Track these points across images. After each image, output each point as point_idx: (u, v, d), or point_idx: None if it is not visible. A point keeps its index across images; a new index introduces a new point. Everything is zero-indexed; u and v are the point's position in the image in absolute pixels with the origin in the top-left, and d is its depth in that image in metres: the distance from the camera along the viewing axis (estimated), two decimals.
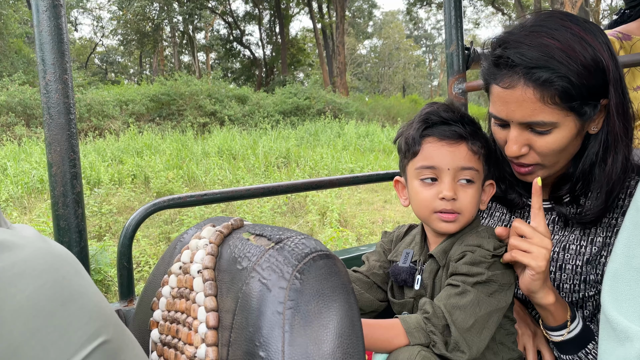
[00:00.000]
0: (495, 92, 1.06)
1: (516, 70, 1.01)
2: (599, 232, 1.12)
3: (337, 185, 1.47)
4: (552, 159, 1.08)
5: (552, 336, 1.09)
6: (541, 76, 0.98)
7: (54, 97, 1.09)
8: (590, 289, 1.13)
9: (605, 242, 1.11)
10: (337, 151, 12.30)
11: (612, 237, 1.10)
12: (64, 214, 1.12)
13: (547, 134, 1.03)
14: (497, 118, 1.08)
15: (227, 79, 29.03)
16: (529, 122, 1.03)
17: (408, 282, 1.15)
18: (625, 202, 1.11)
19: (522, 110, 1.02)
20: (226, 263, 0.80)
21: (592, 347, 1.07)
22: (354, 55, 42.65)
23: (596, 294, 1.13)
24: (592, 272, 1.12)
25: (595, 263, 1.11)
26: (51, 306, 0.57)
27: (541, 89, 0.99)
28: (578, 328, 1.07)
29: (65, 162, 1.11)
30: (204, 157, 10.90)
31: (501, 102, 1.05)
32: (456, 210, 1.07)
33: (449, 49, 1.72)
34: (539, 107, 1.00)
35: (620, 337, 0.78)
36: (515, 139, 1.06)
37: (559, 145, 1.04)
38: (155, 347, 0.90)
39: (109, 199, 7.98)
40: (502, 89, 1.03)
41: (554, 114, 1.01)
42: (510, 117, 1.05)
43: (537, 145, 1.05)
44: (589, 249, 1.12)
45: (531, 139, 1.06)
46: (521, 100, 1.01)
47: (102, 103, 15.10)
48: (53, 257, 0.61)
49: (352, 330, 0.67)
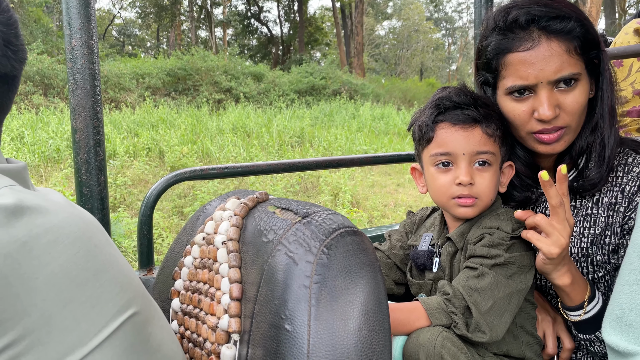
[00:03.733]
0: (516, 59, 1.05)
1: (533, 30, 1.03)
2: (601, 212, 1.12)
3: (357, 164, 1.46)
4: (578, 119, 1.08)
5: (569, 315, 1.09)
6: (564, 26, 1.01)
7: (79, 62, 1.08)
8: (599, 270, 1.12)
9: (608, 222, 1.11)
10: (352, 132, 12.24)
11: (613, 216, 1.10)
12: (87, 181, 1.12)
13: (573, 90, 1.05)
14: (522, 88, 1.06)
15: (244, 56, 28.89)
16: (558, 77, 1.03)
17: (427, 265, 1.14)
18: (622, 179, 1.11)
19: (551, 65, 1.02)
20: (251, 235, 0.80)
21: None
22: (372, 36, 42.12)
23: (606, 275, 1.12)
24: (599, 253, 1.11)
25: (600, 244, 1.11)
26: (84, 276, 0.56)
27: (565, 40, 1.02)
28: (596, 308, 1.06)
29: (89, 128, 1.10)
30: (219, 134, 10.91)
31: (525, 65, 1.04)
32: (473, 195, 1.06)
33: (478, 29, 1.68)
34: (566, 60, 1.02)
35: (623, 353, 0.82)
36: (548, 99, 1.04)
37: (583, 100, 1.06)
38: (175, 316, 0.91)
39: (123, 171, 8.04)
40: (525, 52, 1.03)
41: (577, 65, 1.04)
42: (540, 77, 1.04)
43: (567, 103, 1.05)
44: (592, 230, 1.12)
45: (560, 99, 1.05)
46: (548, 55, 1.02)
47: (119, 75, 15.12)
48: (85, 224, 0.60)
49: (379, 308, 0.66)
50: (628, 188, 1.09)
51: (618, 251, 1.10)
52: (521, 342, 1.08)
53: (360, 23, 25.98)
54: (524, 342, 1.08)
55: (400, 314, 0.99)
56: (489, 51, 1.10)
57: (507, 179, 1.15)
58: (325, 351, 0.61)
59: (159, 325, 0.68)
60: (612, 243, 1.10)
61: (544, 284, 1.22)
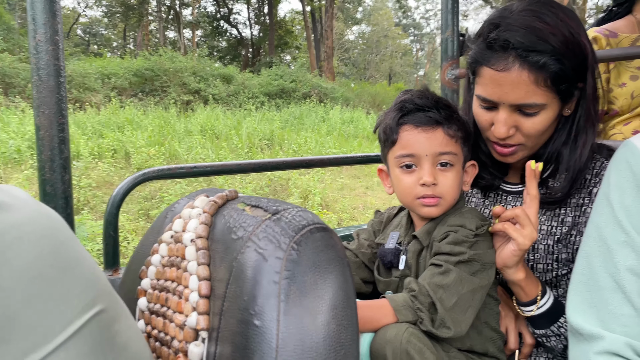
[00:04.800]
0: (488, 74, 1.07)
1: (510, 53, 1.03)
2: (568, 212, 1.16)
3: (327, 165, 1.47)
4: (535, 140, 1.12)
5: (524, 311, 1.12)
6: (539, 60, 1.01)
7: (44, 58, 1.06)
8: (562, 268, 1.17)
9: (575, 222, 1.15)
10: (322, 136, 12.28)
11: (580, 216, 1.15)
12: (51, 179, 1.09)
13: (534, 116, 1.07)
14: (487, 100, 1.10)
15: (213, 58, 28.60)
16: (521, 104, 1.05)
17: (394, 263, 1.16)
18: (591, 181, 1.15)
19: (516, 92, 1.04)
20: (220, 233, 0.80)
21: (564, 321, 1.10)
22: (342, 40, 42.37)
23: (569, 273, 1.17)
24: (564, 251, 1.16)
25: (565, 242, 1.16)
26: (50, 273, 0.55)
27: (536, 72, 1.01)
28: (548, 303, 1.10)
29: (53, 125, 1.08)
30: (187, 135, 10.77)
31: (494, 84, 1.06)
32: (437, 195, 1.09)
33: (444, 34, 1.71)
34: (532, 90, 1.03)
35: (588, 338, 0.83)
36: (505, 120, 1.08)
37: (544, 126, 1.08)
38: (142, 315, 0.90)
39: (88, 173, 7.84)
40: (496, 71, 1.05)
41: (544, 96, 1.04)
42: (502, 99, 1.07)
43: (525, 127, 1.08)
44: (559, 229, 1.16)
45: (519, 121, 1.08)
46: (516, 82, 1.03)
47: (84, 75, 14.76)
48: (51, 221, 0.58)
49: (347, 303, 0.67)
50: (595, 190, 1.14)
51: None
52: (485, 338, 1.11)
53: (330, 27, 26.11)
54: (488, 338, 1.11)
55: (368, 311, 1.00)
56: (469, 56, 1.14)
57: (470, 177, 1.18)
58: (294, 346, 0.62)
59: (125, 323, 0.67)
60: (577, 242, 1.15)
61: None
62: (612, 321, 0.81)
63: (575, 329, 0.86)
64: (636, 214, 0.82)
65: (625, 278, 0.81)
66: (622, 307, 0.81)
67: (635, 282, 0.80)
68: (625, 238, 0.82)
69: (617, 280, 0.82)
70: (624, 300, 0.81)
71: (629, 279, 0.81)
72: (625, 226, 0.82)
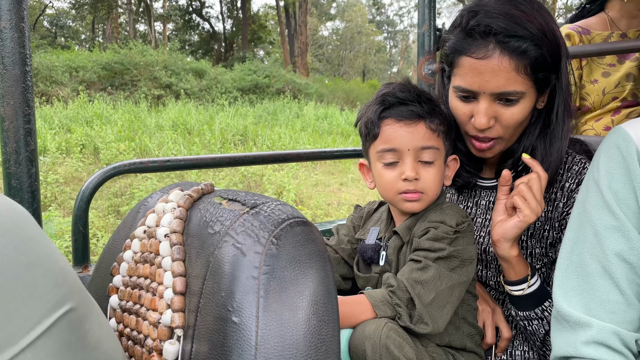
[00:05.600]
0: (467, 63, 1.07)
1: (491, 40, 1.03)
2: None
3: (304, 159, 1.45)
4: (512, 132, 1.13)
5: (512, 291, 1.13)
6: (520, 45, 1.01)
7: (9, 45, 1.01)
8: (536, 262, 1.19)
9: (547, 217, 1.17)
10: (296, 132, 12.23)
11: (552, 211, 1.16)
12: (16, 172, 1.04)
13: (513, 105, 1.08)
14: (466, 90, 1.09)
15: (185, 52, 28.16)
16: (502, 92, 1.05)
17: (374, 259, 1.15)
18: (563, 176, 1.17)
19: (496, 80, 1.04)
20: (196, 227, 0.77)
21: (548, 305, 1.12)
22: (316, 36, 42.29)
23: (542, 267, 1.19)
24: (537, 246, 1.17)
25: (539, 237, 1.17)
26: (15, 269, 0.52)
27: (517, 58, 1.02)
28: (537, 284, 1.12)
29: (19, 116, 1.03)
30: (158, 130, 10.58)
31: (474, 73, 1.06)
32: (419, 190, 1.08)
33: (421, 28, 1.71)
34: (513, 77, 1.04)
35: (574, 326, 0.82)
36: (485, 110, 1.08)
37: (522, 116, 1.09)
38: (114, 313, 0.86)
39: (55, 169, 7.64)
40: (476, 59, 1.05)
41: (524, 83, 1.05)
42: (483, 87, 1.06)
43: (504, 117, 1.09)
44: (532, 224, 1.16)
45: (498, 111, 1.09)
46: (497, 70, 1.03)
47: (51, 68, 14.34)
48: (17, 214, 0.55)
49: (328, 298, 0.66)
50: (567, 185, 1.15)
51: (555, 245, 1.16)
52: (463, 333, 1.11)
53: (304, 23, 26.04)
54: (465, 333, 1.11)
55: (346, 307, 0.99)
56: (447, 47, 1.13)
57: (452, 172, 1.17)
58: (274, 342, 0.60)
59: (96, 322, 0.64)
60: (550, 237, 1.16)
61: (484, 274, 1.26)
62: (599, 308, 0.81)
63: (561, 315, 0.85)
64: (625, 199, 0.82)
65: (613, 263, 0.81)
66: (610, 294, 0.80)
67: (624, 268, 0.80)
68: (614, 223, 0.82)
69: (605, 266, 0.81)
70: (612, 287, 0.80)
71: (617, 265, 0.80)
72: (614, 211, 0.82)
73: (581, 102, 2.08)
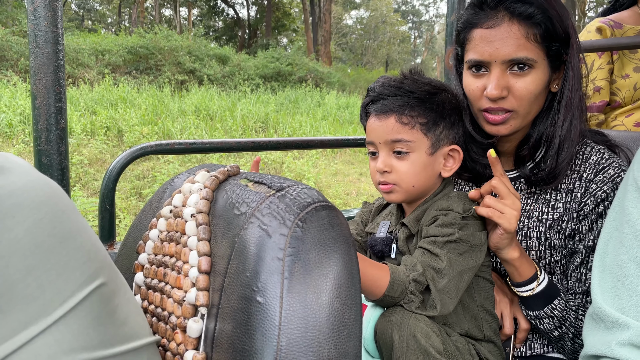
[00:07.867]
0: (478, 35, 1.11)
1: (499, 9, 1.08)
2: (559, 198, 1.17)
3: (327, 146, 1.45)
4: (526, 107, 1.12)
5: (519, 292, 1.13)
6: (526, 9, 1.06)
7: (42, 24, 1.03)
8: (555, 254, 1.17)
9: (566, 208, 1.15)
10: (317, 120, 12.22)
11: (570, 202, 1.15)
12: (47, 150, 1.06)
13: (525, 75, 1.09)
14: (478, 61, 1.12)
15: (209, 38, 28.28)
16: (512, 58, 1.08)
17: (385, 252, 1.15)
18: (581, 167, 1.16)
19: (506, 46, 1.07)
20: (221, 208, 0.78)
21: (558, 303, 1.11)
22: (340, 25, 42.02)
23: (562, 259, 1.17)
24: (556, 237, 1.16)
25: (557, 228, 1.16)
26: (50, 242, 0.53)
27: (525, 25, 1.06)
28: (544, 283, 1.11)
29: (50, 94, 1.05)
30: (181, 115, 10.68)
31: (484, 42, 1.09)
32: (390, 182, 1.10)
33: (450, 17, 1.69)
34: (523, 44, 1.07)
35: (611, 326, 0.79)
36: (497, 79, 1.09)
37: (534, 88, 1.10)
38: (139, 290, 0.88)
39: (80, 150, 7.78)
40: (486, 29, 1.09)
41: (534, 51, 1.08)
42: (494, 55, 1.09)
43: (517, 87, 1.10)
44: (550, 215, 1.17)
45: (510, 82, 1.10)
46: (506, 36, 1.07)
47: (77, 51, 14.54)
48: (51, 188, 0.56)
49: (351, 282, 0.66)
50: (585, 175, 1.14)
51: (574, 236, 1.15)
52: (481, 321, 1.10)
53: (328, 11, 25.87)
54: (484, 321, 1.11)
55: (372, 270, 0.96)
56: (459, 24, 1.17)
57: (454, 163, 1.14)
58: (297, 323, 0.60)
59: (125, 298, 0.66)
60: (568, 228, 1.15)
61: (500, 266, 1.26)
62: (637, 310, 0.77)
63: (598, 314, 0.82)
64: None
65: None
66: None
67: None
68: None
69: None
70: None
71: None
72: None
73: (611, 97, 2.03)
